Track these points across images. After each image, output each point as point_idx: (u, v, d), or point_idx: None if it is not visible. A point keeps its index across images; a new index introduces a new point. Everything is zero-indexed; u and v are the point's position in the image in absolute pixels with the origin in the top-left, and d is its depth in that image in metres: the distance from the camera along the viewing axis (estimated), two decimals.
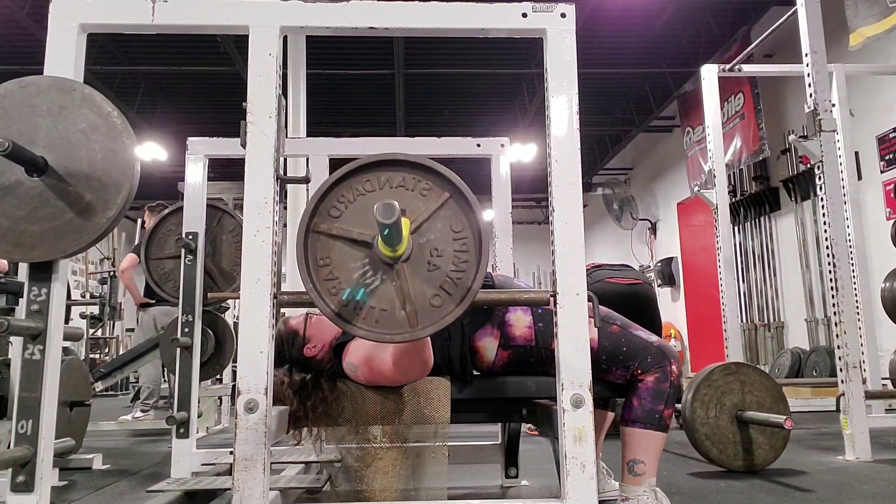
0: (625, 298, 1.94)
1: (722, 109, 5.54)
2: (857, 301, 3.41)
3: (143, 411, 4.58)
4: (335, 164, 2.58)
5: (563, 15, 1.30)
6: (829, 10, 3.42)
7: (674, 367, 1.66)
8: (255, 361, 1.19)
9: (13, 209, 1.19)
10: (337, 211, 1.23)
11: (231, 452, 1.43)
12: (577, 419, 1.20)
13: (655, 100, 8.76)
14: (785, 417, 2.29)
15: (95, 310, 6.77)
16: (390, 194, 1.22)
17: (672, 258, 9.61)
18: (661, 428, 1.63)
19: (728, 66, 3.81)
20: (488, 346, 1.69)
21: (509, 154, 2.43)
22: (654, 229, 10.43)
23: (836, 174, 2.92)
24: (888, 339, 4.84)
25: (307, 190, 2.67)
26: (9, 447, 1.16)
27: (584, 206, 1.29)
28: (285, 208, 4.43)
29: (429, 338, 1.43)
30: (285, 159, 4.03)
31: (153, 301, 4.73)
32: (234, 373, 1.56)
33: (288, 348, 1.75)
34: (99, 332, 7.47)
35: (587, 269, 1.59)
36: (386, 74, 8.17)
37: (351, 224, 1.22)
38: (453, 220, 1.22)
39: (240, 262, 1.47)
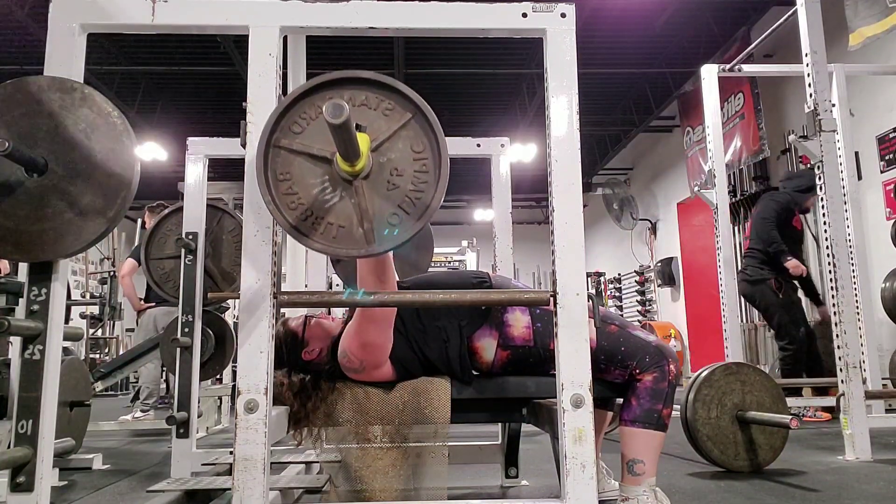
0: None
1: (722, 109, 5.53)
2: (857, 301, 3.41)
3: (143, 411, 4.58)
4: None
5: (563, 15, 1.30)
6: (829, 10, 3.42)
7: (672, 366, 1.66)
8: (255, 361, 1.19)
9: (13, 209, 1.19)
10: (298, 127, 1.22)
11: (231, 452, 1.43)
12: (577, 419, 1.20)
13: (655, 100, 8.76)
14: (790, 417, 2.29)
15: (95, 310, 6.77)
16: (353, 112, 1.20)
17: (672, 258, 9.61)
18: (660, 427, 1.64)
19: (728, 66, 3.81)
20: (487, 346, 1.69)
21: (509, 154, 2.43)
22: (654, 229, 10.43)
23: (836, 174, 2.92)
24: (888, 339, 4.84)
25: None
26: (9, 447, 1.16)
27: (584, 206, 1.30)
28: None
29: (390, 257, 1.45)
30: None
31: (152, 305, 4.73)
32: (234, 373, 1.56)
33: (287, 351, 1.75)
34: (99, 332, 7.47)
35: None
36: (386, 74, 8.16)
37: (311, 140, 1.22)
38: (414, 141, 1.22)
39: (240, 262, 1.47)
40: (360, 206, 1.19)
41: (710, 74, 3.81)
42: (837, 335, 2.81)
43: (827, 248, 2.88)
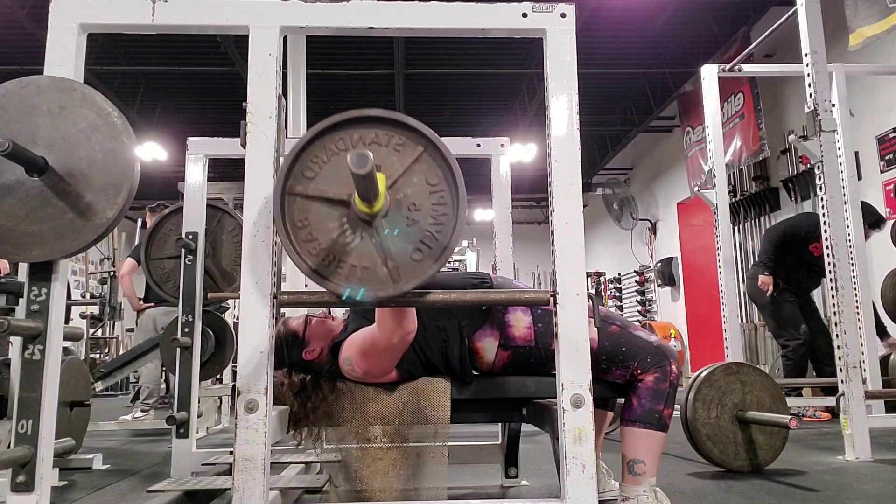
0: None
1: (722, 109, 5.53)
2: (857, 301, 3.40)
3: (143, 411, 4.58)
4: None
5: (563, 15, 1.30)
6: (829, 10, 3.42)
7: (673, 366, 1.66)
8: (255, 361, 1.19)
9: (13, 209, 1.19)
10: (311, 172, 1.22)
11: (231, 452, 1.43)
12: (577, 419, 1.20)
13: (655, 100, 8.76)
14: (790, 417, 2.29)
15: (95, 310, 6.76)
16: (364, 151, 1.21)
17: (672, 258, 9.61)
18: (660, 427, 1.64)
19: (728, 66, 3.81)
20: (488, 346, 1.69)
21: (509, 154, 2.43)
22: (654, 229, 10.42)
23: (836, 174, 2.92)
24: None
25: None
26: (9, 447, 1.15)
27: (584, 206, 1.29)
28: None
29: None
30: None
31: (152, 305, 4.73)
32: (234, 373, 1.56)
33: (287, 351, 1.75)
34: (99, 332, 7.46)
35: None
36: (386, 74, 8.17)
37: (326, 184, 1.21)
38: (429, 174, 1.22)
39: (240, 262, 1.47)
40: (383, 246, 1.18)
41: (710, 74, 3.81)
42: (837, 335, 2.81)
43: (827, 248, 2.88)
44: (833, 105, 3.57)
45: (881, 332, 4.42)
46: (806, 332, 4.42)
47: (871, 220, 4.28)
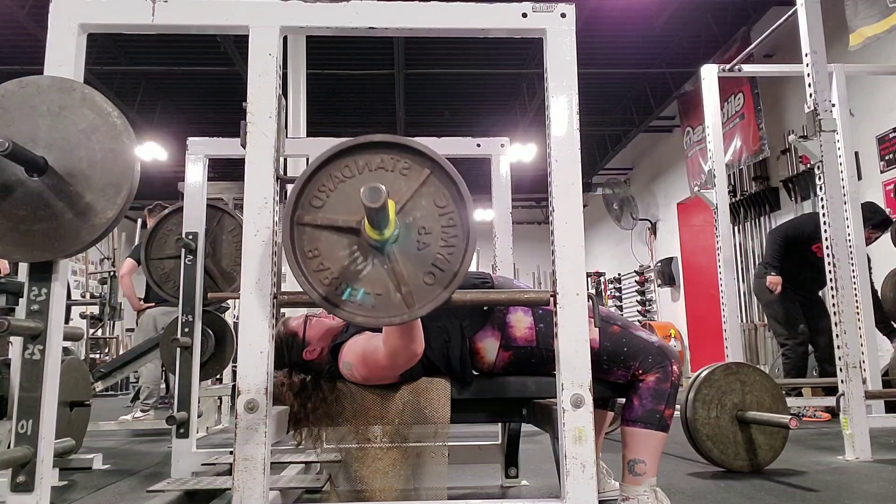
0: None
1: (722, 109, 5.53)
2: (857, 301, 3.40)
3: (143, 411, 4.57)
4: None
5: (563, 15, 1.30)
6: (829, 10, 3.42)
7: (675, 367, 1.66)
8: (255, 361, 1.19)
9: (13, 209, 1.19)
10: (319, 201, 1.22)
11: (231, 452, 1.43)
12: (577, 419, 1.20)
13: (655, 100, 8.76)
14: (790, 417, 2.29)
15: (95, 310, 6.76)
16: (370, 177, 1.21)
17: (672, 258, 9.61)
18: (661, 428, 1.64)
19: (728, 66, 3.81)
20: (489, 347, 1.69)
21: (509, 154, 2.43)
22: (654, 229, 10.43)
23: (836, 174, 2.92)
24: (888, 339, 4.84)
25: None
26: (9, 447, 1.15)
27: (584, 206, 1.29)
28: None
29: (418, 319, 1.43)
30: (285, 159, 4.04)
31: (152, 305, 4.73)
32: (234, 373, 1.56)
33: (287, 351, 1.75)
34: (99, 332, 7.46)
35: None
36: (386, 74, 8.17)
37: (335, 212, 1.21)
38: (437, 196, 1.21)
39: (240, 262, 1.47)
40: (395, 272, 1.18)
41: (710, 74, 3.81)
42: (837, 335, 2.81)
43: (827, 248, 2.88)
44: (833, 105, 3.57)
45: (891, 333, 4.43)
46: (805, 331, 4.44)
47: (877, 220, 4.22)
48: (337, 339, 1.71)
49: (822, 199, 2.90)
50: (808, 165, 6.24)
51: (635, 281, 10.99)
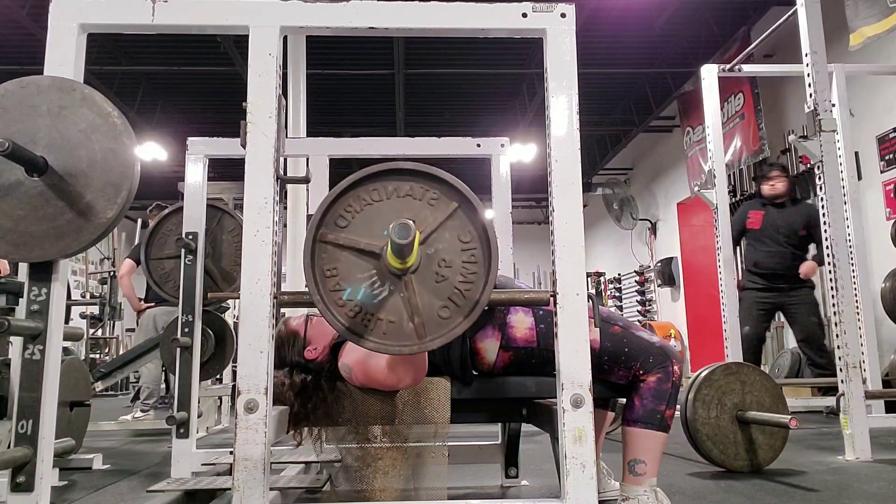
0: None
1: (722, 109, 5.53)
2: (857, 301, 3.40)
3: (143, 411, 4.58)
4: (335, 164, 2.59)
5: (563, 15, 1.30)
6: (829, 10, 3.42)
7: (676, 367, 1.66)
8: (255, 361, 1.19)
9: (13, 209, 1.19)
10: (344, 221, 1.22)
11: (231, 452, 1.43)
12: (577, 419, 1.20)
13: (655, 100, 8.75)
14: (790, 417, 2.29)
15: (95, 310, 6.77)
16: (398, 204, 1.21)
17: (672, 258, 9.61)
18: (662, 428, 1.64)
19: (728, 66, 3.81)
20: (489, 347, 1.69)
21: (509, 154, 2.43)
22: (654, 229, 10.42)
23: (836, 174, 2.92)
24: (888, 339, 4.84)
25: (307, 190, 2.67)
26: (9, 447, 1.15)
27: (584, 206, 1.29)
28: (285, 208, 4.43)
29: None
30: (285, 159, 4.03)
31: (152, 305, 4.73)
32: (234, 373, 1.56)
33: (288, 350, 1.75)
34: (99, 332, 7.47)
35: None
36: (386, 74, 8.16)
37: (358, 234, 1.21)
38: (461, 231, 1.21)
39: (240, 262, 1.47)
40: (411, 302, 1.18)
41: (710, 74, 3.81)
42: (837, 335, 2.81)
43: (827, 248, 2.88)
44: (833, 105, 3.57)
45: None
46: (748, 334, 4.40)
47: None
48: (338, 339, 1.71)
49: (822, 199, 2.90)
50: (808, 165, 6.24)
51: (635, 281, 10.99)
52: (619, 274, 11.77)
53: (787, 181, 4.61)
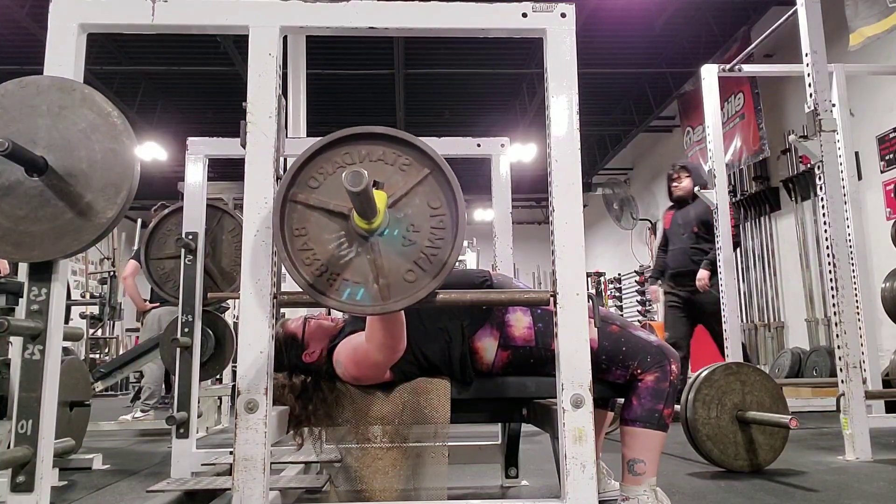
0: None
1: (722, 109, 5.53)
2: (857, 301, 3.40)
3: (143, 411, 4.58)
4: None
5: (563, 15, 1.30)
6: (829, 10, 3.42)
7: (673, 366, 1.66)
8: (255, 362, 1.19)
9: (13, 209, 1.19)
10: (315, 182, 1.23)
11: (231, 452, 1.43)
12: (577, 419, 1.20)
13: (655, 100, 8.76)
14: (790, 417, 2.29)
15: (95, 310, 6.77)
16: (369, 167, 1.21)
17: None
18: (660, 427, 1.63)
19: (728, 66, 3.81)
20: (487, 346, 1.69)
21: (509, 154, 2.43)
22: (654, 229, 10.43)
23: (836, 174, 2.92)
24: (888, 339, 4.84)
25: None
26: (9, 447, 1.15)
27: (584, 206, 1.29)
28: None
29: (402, 314, 1.44)
30: (285, 159, 4.03)
31: (157, 305, 4.73)
32: (234, 373, 1.56)
33: (286, 353, 1.75)
34: (99, 332, 7.47)
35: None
36: (386, 74, 8.17)
37: (328, 196, 1.22)
38: (431, 197, 1.22)
39: (240, 262, 1.47)
40: (376, 263, 1.19)
41: (710, 74, 3.81)
42: (837, 335, 2.81)
43: (827, 248, 2.87)
44: (833, 105, 3.57)
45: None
46: (667, 340, 4.41)
47: (702, 182, 4.40)
48: (334, 341, 1.71)
49: (822, 199, 2.90)
50: (809, 165, 6.25)
51: (635, 281, 10.99)
52: (619, 274, 11.77)
53: (692, 180, 4.62)
